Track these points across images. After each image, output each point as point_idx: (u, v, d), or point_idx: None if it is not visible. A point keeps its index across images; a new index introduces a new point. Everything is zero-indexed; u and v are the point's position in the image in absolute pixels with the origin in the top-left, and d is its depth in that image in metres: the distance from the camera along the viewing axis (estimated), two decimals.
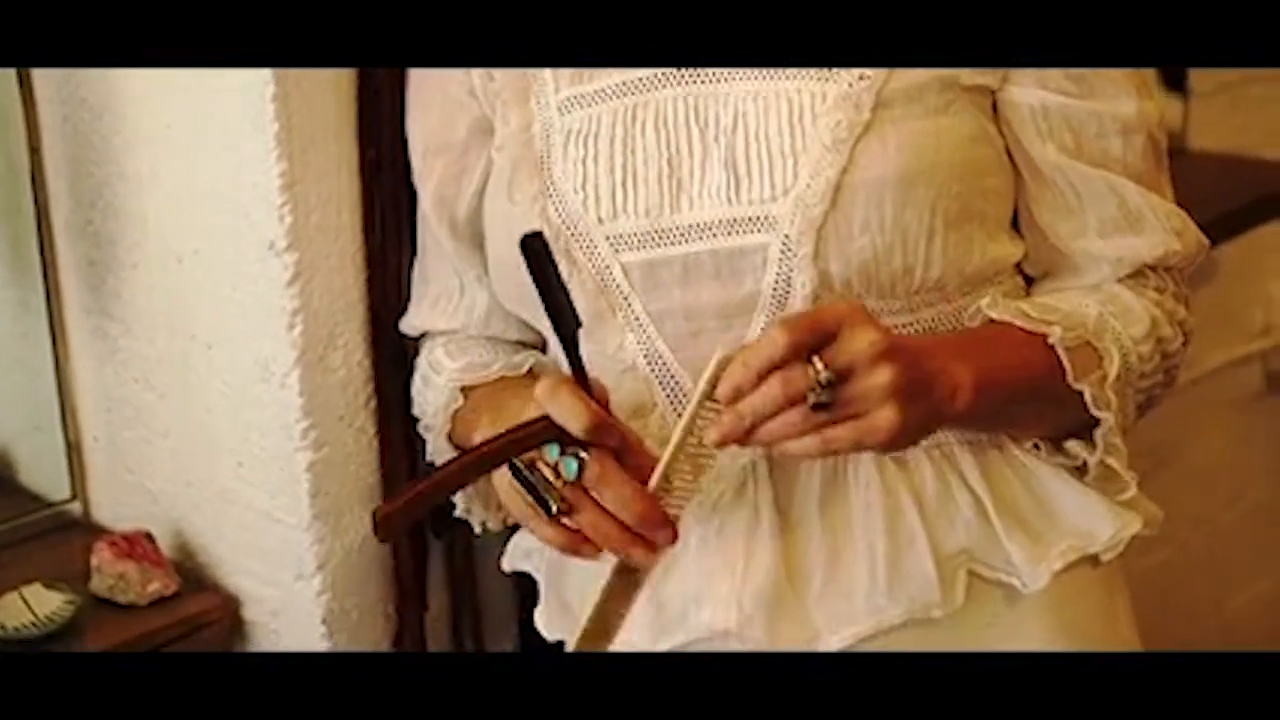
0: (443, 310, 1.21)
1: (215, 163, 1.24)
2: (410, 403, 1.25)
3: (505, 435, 0.98)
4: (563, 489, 0.97)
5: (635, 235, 1.05)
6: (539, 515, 0.99)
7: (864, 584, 1.07)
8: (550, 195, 1.07)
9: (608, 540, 0.98)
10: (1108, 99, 1.08)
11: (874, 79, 1.03)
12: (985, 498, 1.08)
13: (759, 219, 1.03)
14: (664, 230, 1.05)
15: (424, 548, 1.34)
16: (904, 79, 1.04)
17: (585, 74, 1.08)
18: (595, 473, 0.97)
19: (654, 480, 0.98)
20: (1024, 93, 1.07)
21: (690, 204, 1.05)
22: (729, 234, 1.04)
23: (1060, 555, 1.08)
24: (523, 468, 0.98)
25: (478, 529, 1.21)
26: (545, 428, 0.97)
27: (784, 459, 1.06)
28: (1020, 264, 1.13)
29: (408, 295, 1.25)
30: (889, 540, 1.07)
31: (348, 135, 1.23)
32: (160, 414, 1.37)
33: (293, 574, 1.29)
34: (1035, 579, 1.08)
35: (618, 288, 1.07)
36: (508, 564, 1.24)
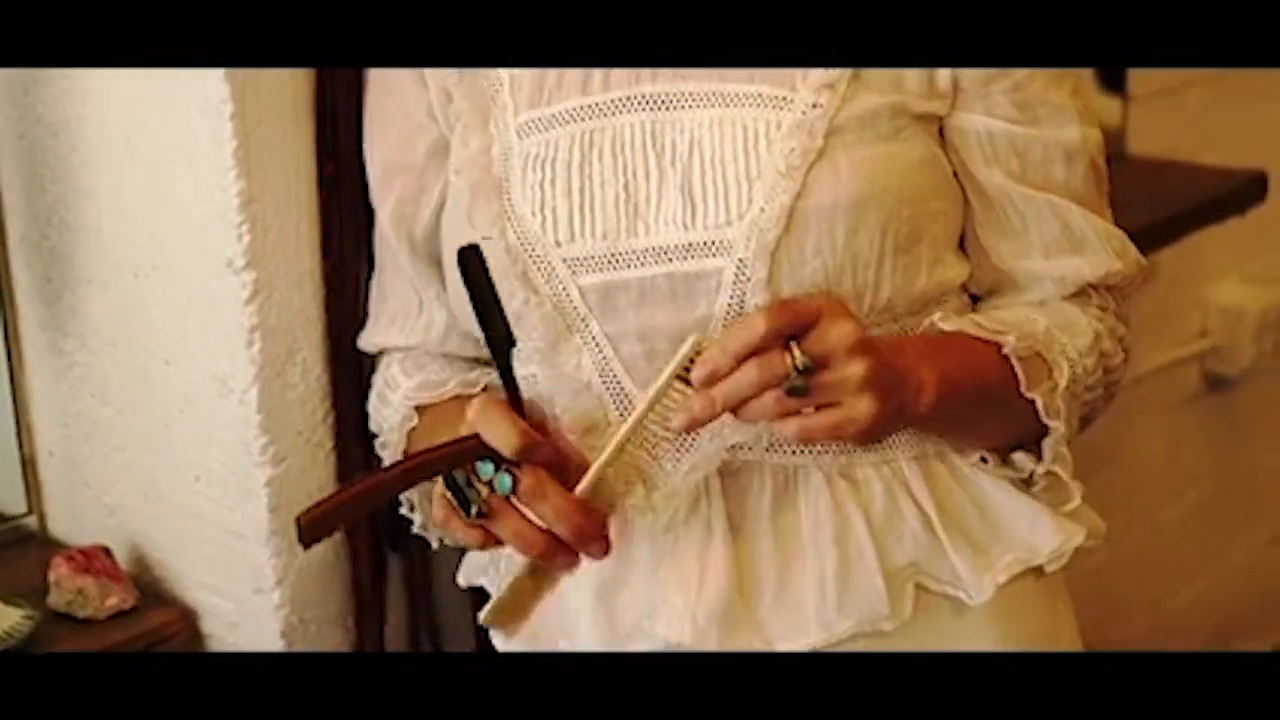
0: (400, 327, 1.23)
1: (173, 180, 1.25)
2: (368, 418, 1.27)
3: (433, 450, 1.00)
4: (489, 499, 1.00)
5: (592, 258, 1.07)
6: (458, 516, 1.01)
7: (814, 597, 1.09)
8: (509, 218, 1.09)
9: (533, 548, 1.01)
10: (1052, 126, 1.11)
11: (827, 107, 1.06)
12: (932, 512, 1.11)
13: (714, 243, 1.05)
14: (621, 254, 1.07)
15: (382, 561, 1.35)
16: (856, 107, 1.07)
17: (543, 98, 1.10)
18: (529, 486, 0.99)
19: (584, 482, 1.00)
20: (971, 119, 1.10)
21: (647, 228, 1.07)
22: (684, 258, 1.06)
23: (1005, 568, 1.11)
24: (459, 482, 1.00)
25: (434, 544, 1.23)
26: (475, 446, 0.99)
27: (736, 476, 1.09)
28: (965, 284, 1.16)
29: (365, 312, 1.26)
30: (839, 554, 1.09)
31: (305, 153, 1.24)
32: (118, 428, 1.38)
33: (251, 588, 1.30)
34: (981, 591, 1.11)
35: (575, 309, 1.09)
36: (463, 579, 1.25)
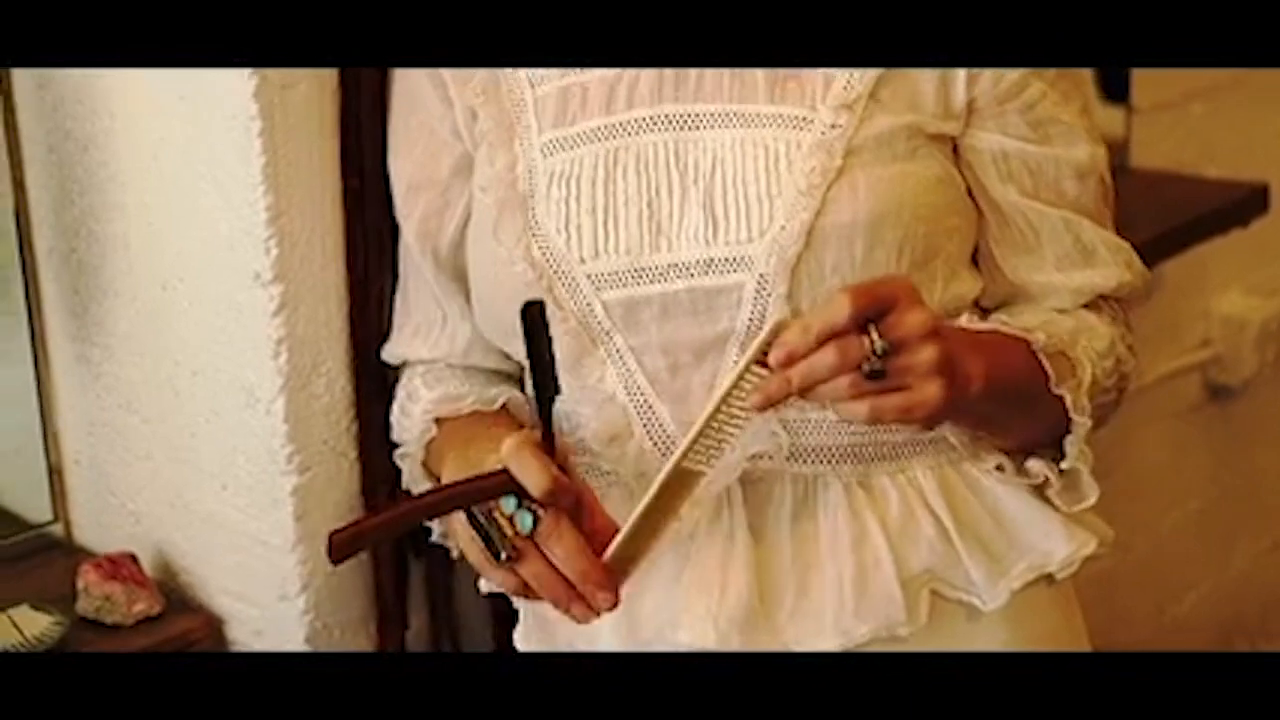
0: (424, 339, 1.25)
1: (200, 195, 1.28)
2: (390, 428, 1.30)
3: (464, 484, 1.03)
4: (514, 539, 1.02)
5: (616, 274, 1.10)
6: (490, 561, 1.03)
7: (833, 604, 1.12)
8: (534, 234, 1.12)
9: (551, 592, 1.03)
10: (1063, 144, 1.14)
11: (845, 127, 1.09)
12: (947, 520, 1.14)
13: (736, 259, 1.08)
14: (644, 269, 1.10)
15: (404, 568, 1.38)
16: (873, 128, 1.09)
17: (568, 117, 1.13)
18: (548, 529, 1.02)
19: (614, 547, 1.03)
20: (986, 139, 1.13)
21: (669, 244, 1.09)
22: (706, 273, 1.09)
23: (1019, 575, 1.14)
24: (479, 514, 1.03)
25: (455, 554, 1.25)
26: (504, 482, 1.02)
27: (757, 485, 1.11)
28: (977, 299, 1.19)
29: (389, 324, 1.29)
30: (856, 562, 1.12)
31: (331, 169, 1.27)
32: (143, 437, 1.40)
33: (276, 594, 1.33)
34: (995, 597, 1.14)
35: (599, 324, 1.11)
36: (485, 585, 1.27)
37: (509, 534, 1.02)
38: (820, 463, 1.12)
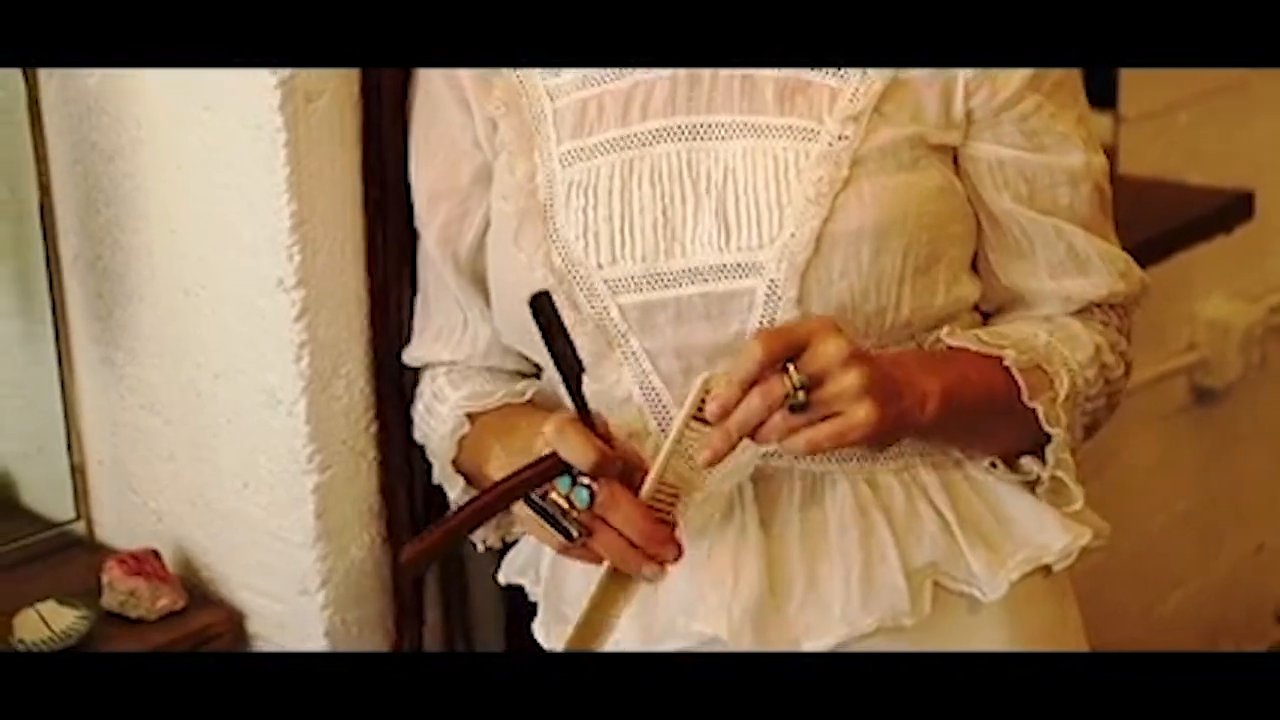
0: (445, 342, 1.29)
1: (222, 203, 1.32)
2: (409, 428, 1.34)
3: (518, 475, 1.08)
4: (579, 516, 1.07)
5: (632, 279, 1.14)
6: (564, 543, 1.09)
7: (840, 595, 1.16)
8: (554, 242, 1.16)
9: (622, 558, 1.08)
10: (1057, 153, 1.18)
11: (852, 139, 1.13)
12: (949, 514, 1.18)
13: (747, 265, 1.13)
14: (659, 274, 1.14)
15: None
16: (878, 139, 1.14)
17: (585, 129, 1.17)
18: (604, 498, 1.07)
19: (645, 490, 1.08)
20: (983, 148, 1.18)
21: (683, 251, 1.14)
22: (719, 279, 1.13)
23: (1017, 566, 1.19)
24: (538, 499, 1.08)
25: (480, 548, 1.29)
26: (554, 464, 1.07)
27: (768, 482, 1.16)
28: (977, 302, 1.23)
29: (408, 328, 1.33)
30: (863, 555, 1.16)
31: (352, 178, 1.31)
32: (166, 438, 1.44)
33: (297, 589, 1.37)
34: (994, 588, 1.18)
35: (615, 327, 1.16)
36: (504, 577, 1.32)
37: (571, 512, 1.07)
38: (828, 461, 1.16)
